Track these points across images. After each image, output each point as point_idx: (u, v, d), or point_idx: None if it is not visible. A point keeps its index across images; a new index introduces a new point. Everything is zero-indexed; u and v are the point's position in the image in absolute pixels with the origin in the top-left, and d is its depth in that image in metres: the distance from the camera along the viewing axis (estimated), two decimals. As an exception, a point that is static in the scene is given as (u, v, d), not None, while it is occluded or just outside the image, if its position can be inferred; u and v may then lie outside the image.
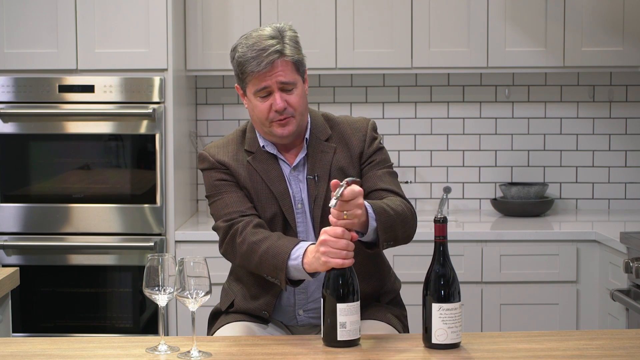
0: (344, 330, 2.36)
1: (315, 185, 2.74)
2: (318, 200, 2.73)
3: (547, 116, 4.75)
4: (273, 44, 2.64)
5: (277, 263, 2.56)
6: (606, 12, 4.39)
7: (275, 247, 2.57)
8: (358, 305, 2.38)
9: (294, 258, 2.54)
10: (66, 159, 4.26)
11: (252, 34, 2.69)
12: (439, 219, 2.36)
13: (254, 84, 2.67)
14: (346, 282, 2.38)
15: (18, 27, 4.18)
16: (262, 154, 2.77)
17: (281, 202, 2.73)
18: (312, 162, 2.76)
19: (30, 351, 2.39)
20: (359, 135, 2.80)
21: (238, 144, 2.81)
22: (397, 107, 4.76)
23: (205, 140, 4.72)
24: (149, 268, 2.34)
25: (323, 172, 2.75)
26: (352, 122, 2.84)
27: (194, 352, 2.32)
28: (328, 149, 2.77)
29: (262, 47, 2.64)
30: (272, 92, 2.67)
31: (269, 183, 2.74)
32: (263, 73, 2.64)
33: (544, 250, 4.15)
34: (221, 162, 2.77)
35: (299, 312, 2.80)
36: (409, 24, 4.41)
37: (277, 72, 2.65)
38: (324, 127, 2.80)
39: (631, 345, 2.38)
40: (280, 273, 2.56)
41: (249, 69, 2.65)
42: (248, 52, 2.65)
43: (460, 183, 4.78)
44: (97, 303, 4.23)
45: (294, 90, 2.69)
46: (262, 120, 2.70)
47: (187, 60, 4.44)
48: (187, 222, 4.44)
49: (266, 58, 2.63)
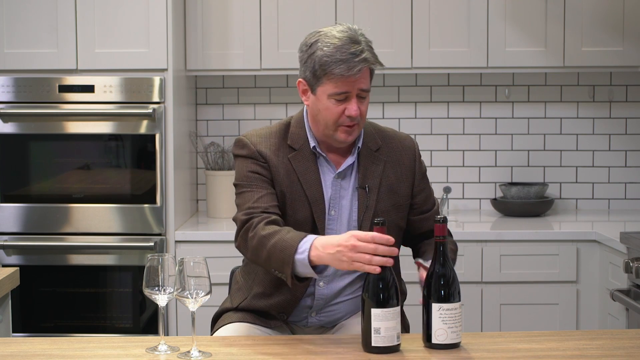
0: (378, 336, 2.31)
1: (367, 196, 2.72)
2: (369, 211, 2.71)
3: (547, 116, 4.75)
4: (362, 49, 2.60)
5: (284, 257, 2.48)
6: (606, 12, 4.39)
7: (283, 241, 2.50)
8: (397, 311, 2.32)
9: (300, 252, 2.46)
10: (66, 159, 4.26)
11: (334, 33, 2.62)
12: (439, 219, 2.36)
13: (336, 86, 2.61)
14: (386, 286, 2.32)
15: (18, 27, 4.18)
16: (306, 152, 2.73)
17: (314, 207, 2.69)
18: (363, 172, 2.73)
19: (30, 351, 2.39)
20: (409, 154, 2.82)
21: (280, 138, 2.75)
22: (397, 107, 4.76)
23: (205, 140, 4.72)
24: (149, 268, 2.34)
25: (374, 184, 2.73)
26: (401, 139, 2.85)
27: (194, 352, 2.32)
28: (378, 161, 2.76)
29: (353, 52, 2.59)
30: (348, 97, 2.64)
31: (304, 185, 2.70)
32: (349, 78, 2.60)
33: (544, 250, 4.16)
34: (262, 153, 2.71)
35: (312, 314, 2.78)
36: (409, 24, 4.41)
37: (361, 79, 2.62)
38: (374, 137, 2.79)
39: (631, 345, 2.38)
40: (286, 267, 2.47)
41: (337, 71, 2.58)
42: (337, 53, 2.58)
43: (460, 183, 4.78)
44: (97, 303, 4.23)
45: (366, 98, 2.67)
46: (329, 123, 2.66)
47: (187, 60, 4.44)
48: (187, 222, 4.44)
49: (358, 64, 2.58)
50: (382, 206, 2.72)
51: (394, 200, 2.75)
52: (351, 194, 2.74)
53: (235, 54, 4.43)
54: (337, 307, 2.78)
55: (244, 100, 4.77)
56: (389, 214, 2.72)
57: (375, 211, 2.71)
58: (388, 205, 2.74)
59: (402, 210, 2.77)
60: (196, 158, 4.73)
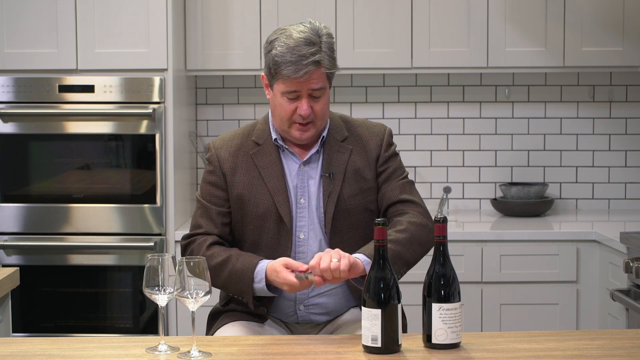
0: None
1: (330, 182, 2.78)
2: (332, 196, 2.77)
3: (547, 116, 4.75)
4: (313, 52, 2.67)
5: (242, 287, 2.69)
6: (606, 12, 4.39)
7: (236, 272, 2.69)
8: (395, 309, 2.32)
9: (257, 281, 2.67)
10: (66, 159, 4.26)
11: (292, 33, 2.69)
12: (439, 219, 2.36)
13: (286, 85, 2.70)
14: (386, 286, 2.31)
15: (18, 27, 4.18)
16: (269, 146, 2.82)
17: (275, 197, 2.76)
18: (327, 160, 2.80)
19: (30, 351, 2.39)
20: (376, 140, 2.85)
21: (244, 137, 2.85)
22: (397, 107, 4.76)
23: (205, 140, 4.72)
24: (149, 268, 2.34)
25: (339, 171, 2.79)
26: (370, 126, 2.89)
27: (194, 352, 2.32)
28: (344, 150, 2.82)
29: (302, 54, 2.66)
30: (299, 97, 2.71)
31: (266, 178, 2.78)
32: (295, 79, 2.67)
33: (544, 250, 4.16)
34: (220, 158, 2.82)
35: (300, 307, 2.80)
36: (409, 24, 4.41)
37: (311, 80, 2.69)
38: (341, 128, 2.85)
39: (631, 345, 2.38)
40: (246, 295, 2.69)
41: (285, 72, 2.67)
42: (287, 54, 2.66)
43: (460, 183, 4.78)
44: (97, 303, 4.23)
45: (321, 97, 2.74)
46: (284, 120, 2.75)
47: (187, 60, 4.44)
48: (187, 222, 4.43)
49: (305, 67, 2.66)
50: (348, 191, 2.79)
51: (361, 185, 2.81)
52: (318, 182, 2.80)
53: (235, 54, 4.43)
54: (325, 300, 2.81)
55: (244, 100, 4.77)
56: (356, 198, 2.79)
57: (340, 196, 2.77)
58: (355, 190, 2.80)
59: (371, 193, 2.82)
60: (196, 158, 4.73)
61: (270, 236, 2.77)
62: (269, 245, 2.77)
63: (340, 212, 2.77)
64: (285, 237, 2.77)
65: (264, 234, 2.78)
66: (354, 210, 2.78)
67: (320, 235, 2.79)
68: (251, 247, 2.80)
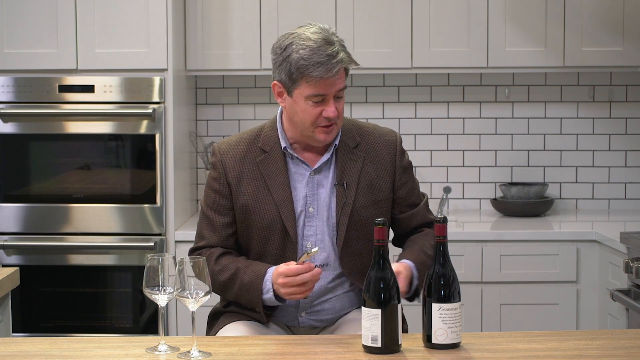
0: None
1: (344, 193, 2.73)
2: (346, 208, 2.72)
3: (547, 116, 4.75)
4: (337, 50, 2.62)
5: (252, 298, 2.69)
6: (606, 12, 4.39)
7: (245, 285, 2.68)
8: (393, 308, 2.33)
9: (265, 292, 2.66)
10: (66, 159, 4.26)
11: (307, 35, 2.62)
12: (439, 219, 2.36)
13: (313, 88, 2.62)
14: (386, 285, 2.31)
15: (18, 27, 4.18)
16: (276, 154, 2.75)
17: (281, 208, 2.71)
18: (340, 169, 2.75)
19: (30, 351, 2.39)
20: (389, 149, 2.81)
21: (250, 143, 2.78)
22: (397, 107, 4.76)
23: (205, 140, 4.72)
24: (149, 268, 2.34)
25: (352, 181, 2.74)
26: (381, 134, 2.83)
27: (194, 352, 2.32)
28: (357, 157, 2.76)
29: (328, 53, 2.60)
30: (325, 99, 2.65)
31: (271, 188, 2.73)
32: (327, 79, 2.61)
33: (544, 250, 4.16)
34: (225, 164, 2.76)
35: (302, 314, 2.79)
36: (409, 24, 4.41)
37: (338, 80, 2.64)
38: (352, 133, 2.80)
39: (631, 345, 2.38)
40: (257, 306, 2.70)
41: (315, 73, 2.59)
42: (314, 55, 2.59)
43: (460, 183, 4.78)
44: (97, 303, 4.23)
45: (342, 96, 2.69)
46: (307, 125, 2.68)
47: (187, 60, 4.44)
48: (187, 222, 4.44)
49: (335, 65, 2.60)
50: (361, 202, 2.74)
51: (374, 196, 2.76)
52: (329, 191, 2.75)
53: (235, 54, 4.43)
54: (327, 306, 2.80)
55: (244, 100, 4.77)
56: (369, 209, 2.75)
57: (354, 207, 2.73)
58: (368, 201, 2.75)
59: (384, 205, 2.79)
60: (196, 158, 4.73)
61: (275, 247, 2.74)
62: (275, 255, 2.74)
63: (353, 224, 2.73)
64: (291, 248, 2.73)
65: (269, 244, 2.75)
66: (366, 221, 2.73)
67: (329, 245, 2.75)
68: (257, 256, 2.77)
